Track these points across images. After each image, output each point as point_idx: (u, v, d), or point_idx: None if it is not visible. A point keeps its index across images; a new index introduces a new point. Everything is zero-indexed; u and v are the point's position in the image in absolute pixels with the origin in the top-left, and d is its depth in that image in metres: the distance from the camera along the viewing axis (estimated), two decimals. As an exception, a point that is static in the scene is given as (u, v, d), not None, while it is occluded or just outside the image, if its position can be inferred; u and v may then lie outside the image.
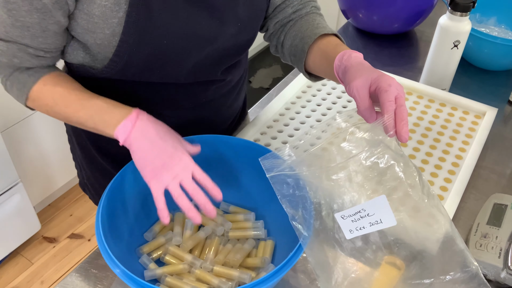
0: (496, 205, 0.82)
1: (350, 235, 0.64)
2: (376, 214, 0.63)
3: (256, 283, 0.61)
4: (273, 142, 0.98)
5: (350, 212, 0.64)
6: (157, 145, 0.70)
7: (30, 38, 0.69)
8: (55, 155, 1.93)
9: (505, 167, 0.97)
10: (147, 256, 0.75)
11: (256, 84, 2.79)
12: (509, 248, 0.74)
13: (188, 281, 0.71)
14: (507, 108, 1.14)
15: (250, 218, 0.81)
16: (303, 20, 0.87)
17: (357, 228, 0.64)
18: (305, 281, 0.75)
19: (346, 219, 0.64)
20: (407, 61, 1.32)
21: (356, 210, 0.64)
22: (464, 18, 1.04)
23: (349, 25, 1.46)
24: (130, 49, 0.71)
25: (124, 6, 0.68)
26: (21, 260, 1.91)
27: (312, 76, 0.88)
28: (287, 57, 0.90)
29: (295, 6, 0.88)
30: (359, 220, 0.64)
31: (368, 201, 0.63)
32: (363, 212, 0.63)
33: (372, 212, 0.63)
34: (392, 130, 0.64)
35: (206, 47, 0.78)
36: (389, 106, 0.65)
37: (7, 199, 1.73)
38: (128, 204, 0.77)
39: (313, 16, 0.88)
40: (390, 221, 0.64)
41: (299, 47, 0.85)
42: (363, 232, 0.64)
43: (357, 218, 0.64)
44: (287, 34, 0.88)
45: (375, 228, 0.64)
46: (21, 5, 0.65)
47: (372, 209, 0.63)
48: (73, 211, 2.12)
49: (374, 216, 0.63)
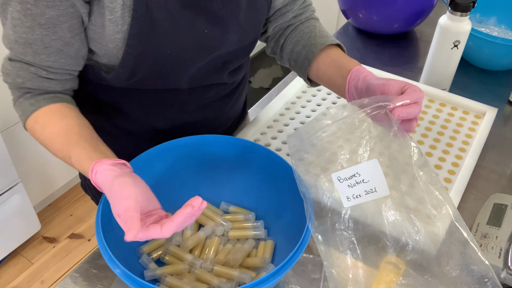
0: (496, 205, 0.82)
1: (348, 202, 0.65)
2: (370, 181, 0.64)
3: (256, 283, 0.61)
4: (273, 142, 0.98)
5: (345, 174, 0.64)
6: None
7: (32, 55, 0.69)
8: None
9: (505, 167, 0.97)
10: (147, 256, 0.75)
11: (256, 84, 2.79)
12: (509, 248, 0.74)
13: (188, 281, 0.71)
14: (507, 108, 1.14)
15: (250, 218, 0.81)
16: (304, 26, 0.89)
17: (354, 196, 0.64)
18: (305, 281, 0.75)
19: (342, 182, 0.64)
20: (407, 61, 1.32)
21: (351, 173, 0.64)
22: (464, 18, 1.04)
23: (349, 25, 1.46)
24: (135, 60, 0.72)
25: (128, 19, 0.68)
26: (21, 260, 1.91)
27: (312, 83, 0.89)
28: (285, 60, 0.91)
29: (295, 11, 0.89)
30: (355, 186, 0.64)
31: (361, 164, 0.64)
32: (358, 176, 0.64)
33: (366, 178, 0.64)
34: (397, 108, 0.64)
35: (210, 54, 0.78)
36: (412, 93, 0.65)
37: (7, 199, 1.73)
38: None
39: (312, 22, 0.90)
40: (384, 191, 0.64)
41: (302, 54, 0.86)
42: (360, 200, 0.64)
43: (352, 183, 0.64)
44: (288, 39, 0.89)
45: (370, 197, 0.64)
46: (24, 21, 0.65)
47: (366, 174, 0.64)
48: (73, 211, 2.12)
49: (368, 183, 0.64)
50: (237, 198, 0.84)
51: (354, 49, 1.36)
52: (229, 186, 0.84)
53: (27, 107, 0.73)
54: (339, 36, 1.43)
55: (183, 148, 0.80)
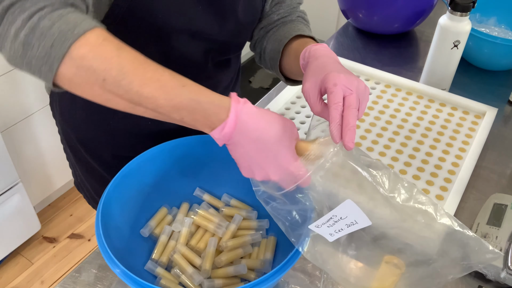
0: (496, 205, 0.82)
1: (332, 237, 0.64)
2: (348, 216, 0.62)
3: (256, 283, 0.61)
4: (273, 142, 0.97)
5: (322, 220, 0.63)
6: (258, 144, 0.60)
7: None
8: (55, 155, 1.93)
9: (505, 167, 0.97)
10: (153, 263, 0.75)
11: (256, 84, 2.79)
12: (509, 248, 0.74)
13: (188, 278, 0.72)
14: (507, 108, 1.14)
15: (252, 216, 0.81)
16: (286, 26, 0.86)
17: (336, 230, 0.63)
18: (305, 281, 0.75)
19: (321, 227, 0.63)
20: (407, 61, 1.32)
21: (327, 218, 0.62)
22: (464, 18, 1.04)
23: (349, 25, 1.46)
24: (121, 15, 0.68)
25: None
26: (21, 260, 1.91)
27: (288, 80, 0.86)
28: (268, 62, 0.88)
29: (281, 14, 0.88)
30: (334, 225, 0.63)
31: (336, 208, 0.61)
32: (335, 217, 0.62)
33: (344, 215, 0.62)
34: (339, 139, 0.58)
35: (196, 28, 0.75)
36: (334, 110, 0.58)
37: (7, 199, 1.73)
38: (128, 203, 0.77)
39: (296, 23, 0.87)
40: (365, 221, 0.62)
41: (276, 50, 0.84)
42: (343, 233, 0.63)
43: (331, 223, 0.63)
44: (269, 39, 0.88)
45: (353, 228, 0.63)
46: None
47: (343, 213, 0.62)
48: (73, 211, 2.12)
49: (347, 218, 0.62)
50: (241, 196, 0.84)
51: (354, 49, 1.36)
52: (231, 184, 0.84)
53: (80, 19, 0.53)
54: (339, 36, 1.43)
55: (183, 148, 0.80)
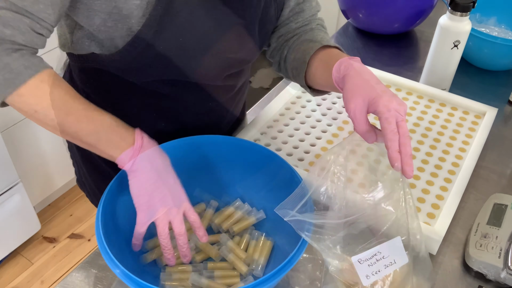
0: (496, 205, 0.82)
1: (367, 280, 0.65)
2: (390, 255, 0.65)
3: (256, 283, 0.61)
4: (273, 142, 0.98)
5: (366, 255, 0.65)
6: (161, 178, 0.69)
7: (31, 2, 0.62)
8: (55, 155, 1.93)
9: (505, 167, 0.97)
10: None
11: (256, 84, 2.79)
12: (509, 248, 0.74)
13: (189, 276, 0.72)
14: (507, 108, 1.14)
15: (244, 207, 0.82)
16: (308, 34, 0.87)
17: (373, 272, 0.65)
18: (305, 281, 0.75)
19: (363, 263, 0.65)
20: (407, 61, 1.32)
21: (372, 253, 0.65)
22: (464, 18, 1.04)
23: (349, 25, 1.46)
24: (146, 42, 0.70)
25: None
26: (21, 260, 1.91)
27: (314, 91, 0.86)
28: (289, 72, 0.89)
29: (300, 22, 0.88)
30: (375, 264, 0.64)
31: (384, 244, 0.65)
32: (379, 254, 0.65)
33: (387, 254, 0.65)
34: (397, 163, 0.62)
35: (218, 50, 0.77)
36: (392, 137, 0.62)
37: (7, 199, 1.73)
38: (128, 204, 0.76)
39: (317, 32, 0.87)
40: (403, 260, 0.65)
41: (300, 60, 0.83)
42: (378, 276, 0.65)
43: (373, 262, 0.65)
44: (291, 48, 0.87)
45: (389, 269, 0.65)
46: None
47: (387, 251, 0.65)
48: (73, 211, 2.12)
49: (388, 258, 0.65)
50: (236, 198, 0.84)
51: (354, 49, 1.36)
52: (229, 186, 0.84)
53: (22, 69, 0.63)
54: (339, 36, 1.43)
55: (183, 148, 0.80)
